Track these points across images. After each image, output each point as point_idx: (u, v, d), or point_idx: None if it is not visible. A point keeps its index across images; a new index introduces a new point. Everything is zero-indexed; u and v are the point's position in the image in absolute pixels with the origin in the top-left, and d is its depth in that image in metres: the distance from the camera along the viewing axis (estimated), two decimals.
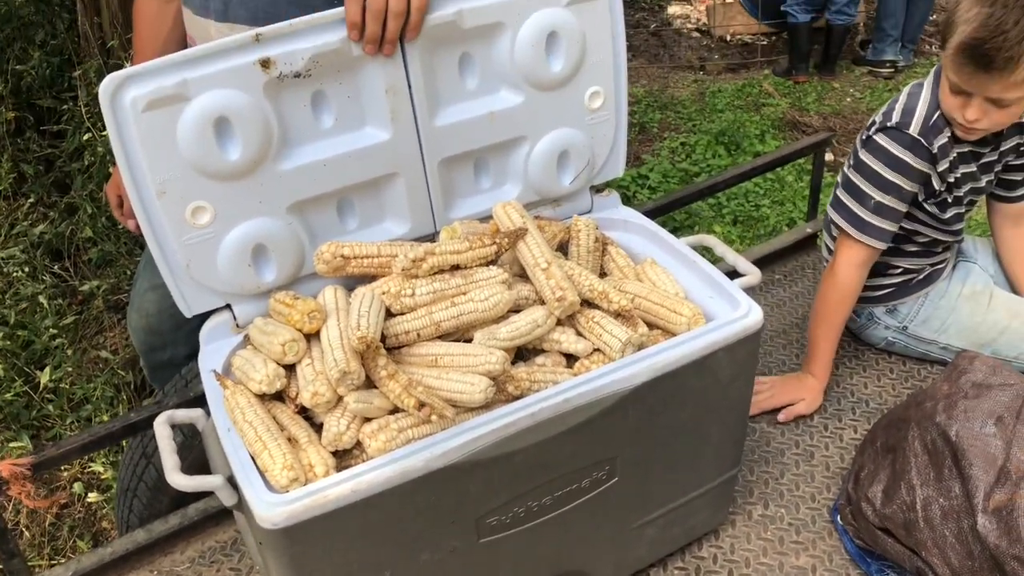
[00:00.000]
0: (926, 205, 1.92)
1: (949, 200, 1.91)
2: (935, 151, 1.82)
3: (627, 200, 4.09)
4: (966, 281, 2.08)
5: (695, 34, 6.14)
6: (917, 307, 2.07)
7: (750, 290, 1.57)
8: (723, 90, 5.09)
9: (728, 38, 5.95)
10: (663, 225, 1.76)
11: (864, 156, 1.89)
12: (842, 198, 1.93)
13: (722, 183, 2.44)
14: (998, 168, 1.97)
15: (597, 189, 1.81)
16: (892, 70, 5.15)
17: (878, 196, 1.87)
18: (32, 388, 3.00)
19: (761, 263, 2.54)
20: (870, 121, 1.94)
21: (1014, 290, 2.12)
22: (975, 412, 1.54)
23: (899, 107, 1.87)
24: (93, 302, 3.34)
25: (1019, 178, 2.02)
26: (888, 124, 1.86)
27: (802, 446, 1.95)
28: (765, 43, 5.83)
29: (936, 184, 1.87)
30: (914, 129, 1.83)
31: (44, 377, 3.00)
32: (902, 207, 1.89)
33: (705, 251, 1.78)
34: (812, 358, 2.02)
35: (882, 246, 1.92)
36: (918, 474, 1.55)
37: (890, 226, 1.90)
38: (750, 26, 5.79)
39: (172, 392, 1.86)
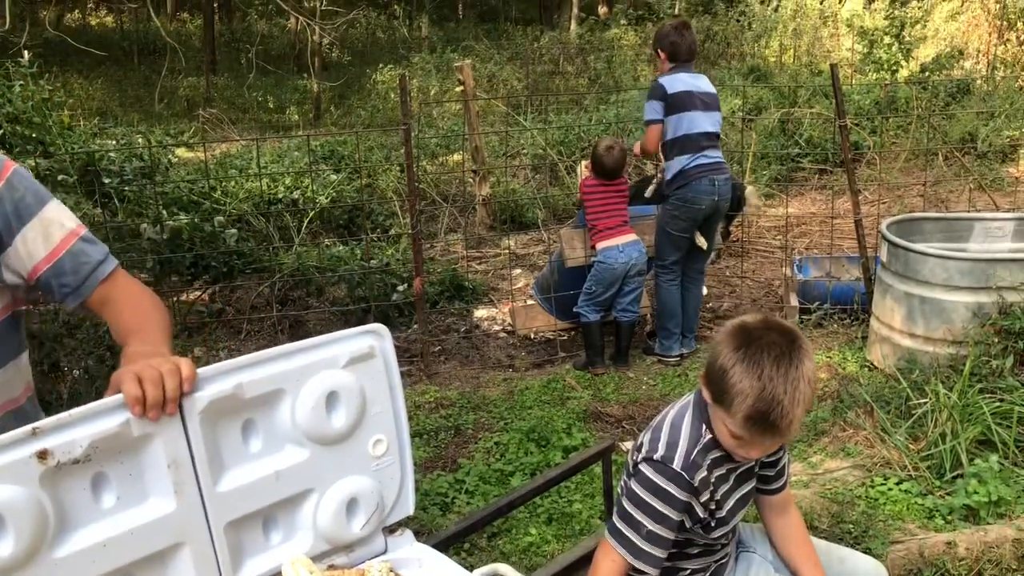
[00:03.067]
0: (695, 529, 2.05)
1: (713, 524, 2.06)
2: (696, 484, 1.97)
3: (446, 506, 4.14)
4: (748, 572, 2.23)
5: (502, 334, 6.56)
6: None
7: None
8: (531, 387, 5.39)
9: (532, 336, 6.40)
10: (481, 533, 1.82)
11: (634, 485, 2.01)
12: (618, 524, 2.02)
13: (518, 499, 2.57)
14: (757, 470, 2.18)
15: (390, 529, 1.87)
16: (679, 358, 5.68)
17: (650, 524, 1.96)
18: None
19: (568, 571, 2.62)
20: (638, 443, 2.08)
21: (794, 574, 2.29)
22: None
23: (663, 439, 2.00)
24: None
25: (773, 473, 2.25)
26: (653, 457, 1.99)
27: None
28: (565, 338, 6.31)
29: (700, 512, 2.01)
30: (677, 464, 1.96)
31: None
32: (670, 535, 1.99)
33: None
34: None
35: (654, 573, 2.00)
36: None
37: (661, 553, 1.99)
38: (550, 324, 6.27)
39: None
